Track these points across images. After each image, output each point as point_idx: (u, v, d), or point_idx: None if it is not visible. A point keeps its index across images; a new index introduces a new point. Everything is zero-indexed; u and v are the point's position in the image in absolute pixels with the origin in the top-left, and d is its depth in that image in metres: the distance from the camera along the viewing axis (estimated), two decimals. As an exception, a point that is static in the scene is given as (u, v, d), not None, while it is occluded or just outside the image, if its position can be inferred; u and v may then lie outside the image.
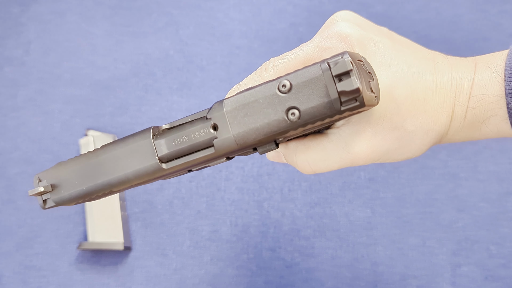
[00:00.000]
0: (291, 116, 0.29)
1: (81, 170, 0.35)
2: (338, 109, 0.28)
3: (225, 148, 0.31)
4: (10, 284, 0.60)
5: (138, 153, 0.33)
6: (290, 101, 0.29)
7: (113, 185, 0.35)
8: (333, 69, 0.27)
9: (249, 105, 0.30)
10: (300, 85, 0.28)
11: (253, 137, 0.30)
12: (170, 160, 0.33)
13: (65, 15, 0.71)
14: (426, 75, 0.32)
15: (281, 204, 0.61)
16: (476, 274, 0.57)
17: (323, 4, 0.69)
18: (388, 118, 0.31)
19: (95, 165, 0.35)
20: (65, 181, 0.36)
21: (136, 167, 0.33)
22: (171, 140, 0.32)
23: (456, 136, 0.34)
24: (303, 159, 0.34)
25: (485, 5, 0.68)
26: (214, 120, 0.31)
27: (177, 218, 0.61)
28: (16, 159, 0.64)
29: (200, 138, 0.31)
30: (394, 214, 0.60)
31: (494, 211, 0.59)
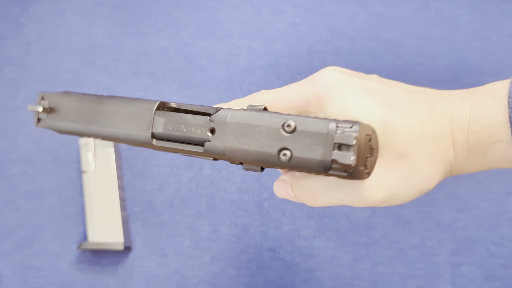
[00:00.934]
0: (282, 156, 0.29)
1: (82, 109, 0.37)
2: (326, 170, 0.28)
3: (213, 153, 0.32)
4: (10, 284, 0.60)
5: (136, 119, 0.34)
6: (287, 143, 0.29)
7: (103, 136, 0.36)
8: (337, 136, 0.28)
9: (251, 127, 0.30)
10: (303, 132, 0.29)
11: (241, 156, 0.31)
12: (161, 139, 0.34)
13: (65, 15, 0.71)
14: (417, 105, 0.32)
15: (281, 204, 0.61)
16: (476, 274, 0.57)
17: (323, 4, 0.69)
18: (391, 148, 0.31)
19: (95, 111, 0.36)
20: (64, 111, 0.38)
21: (129, 130, 0.35)
22: (170, 123, 0.34)
23: (465, 164, 0.33)
24: (304, 185, 0.33)
25: (485, 5, 0.68)
26: (215, 124, 0.32)
27: (177, 218, 0.61)
28: (16, 159, 0.64)
29: (196, 134, 0.32)
30: (394, 214, 0.60)
31: (494, 211, 0.59)
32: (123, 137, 0.35)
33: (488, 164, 0.33)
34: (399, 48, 0.67)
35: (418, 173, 0.32)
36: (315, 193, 0.33)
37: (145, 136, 0.34)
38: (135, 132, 0.34)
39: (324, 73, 0.33)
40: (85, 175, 0.61)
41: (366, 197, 0.32)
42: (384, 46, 0.67)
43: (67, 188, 0.63)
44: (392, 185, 0.32)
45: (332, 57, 0.66)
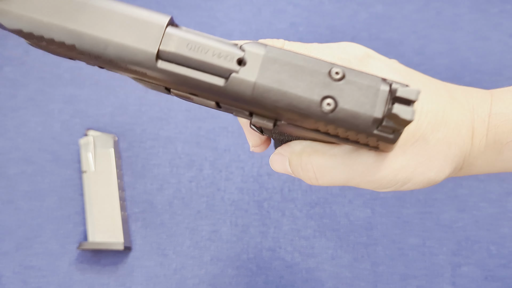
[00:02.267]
0: (325, 106, 0.24)
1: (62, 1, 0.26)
2: (371, 129, 0.25)
3: (237, 89, 0.25)
4: (10, 284, 0.60)
5: (139, 28, 0.26)
6: (334, 91, 0.25)
7: (82, 42, 0.25)
8: (399, 91, 0.24)
9: (293, 66, 0.25)
10: (352, 82, 0.25)
11: (273, 98, 0.25)
12: (171, 61, 0.26)
13: (65, 15, 0.71)
14: (440, 91, 0.31)
15: (281, 204, 0.61)
16: (476, 274, 0.57)
17: (323, 4, 0.69)
18: (410, 130, 0.29)
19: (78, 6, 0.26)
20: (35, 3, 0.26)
21: (125, 41, 0.25)
22: (187, 42, 0.26)
23: (478, 161, 0.32)
24: (307, 161, 0.31)
25: (485, 5, 0.68)
26: (247, 55, 0.25)
27: (177, 218, 0.61)
28: (16, 159, 0.64)
29: (219, 61, 0.25)
30: (394, 214, 0.60)
31: (494, 211, 0.59)
32: (113, 49, 0.25)
33: (502, 164, 0.32)
34: (399, 48, 0.67)
35: (432, 161, 0.30)
36: (318, 171, 0.31)
37: (148, 54, 0.25)
38: (134, 45, 0.25)
39: (351, 45, 0.31)
40: (85, 175, 0.61)
41: (372, 180, 0.30)
42: (384, 46, 0.67)
43: (67, 188, 0.63)
44: (401, 170, 0.30)
45: (332, 57, 0.66)
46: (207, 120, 0.65)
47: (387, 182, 0.30)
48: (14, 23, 0.26)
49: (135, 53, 0.25)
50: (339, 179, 0.30)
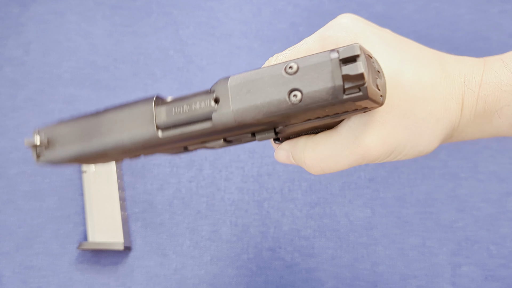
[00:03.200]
0: (293, 98, 0.28)
1: (79, 129, 0.35)
2: (340, 96, 0.27)
3: (222, 123, 0.30)
4: (10, 284, 0.60)
5: (137, 118, 0.33)
6: (294, 83, 0.28)
7: (107, 147, 0.34)
8: (340, 53, 0.27)
9: (254, 83, 0.29)
10: (307, 68, 0.28)
11: (252, 115, 0.29)
12: (167, 128, 0.32)
13: (65, 15, 0.71)
14: (430, 64, 0.31)
15: (281, 204, 0.61)
16: (476, 274, 0.57)
17: (323, 4, 0.69)
18: (397, 105, 0.30)
19: (93, 125, 0.34)
20: (62, 140, 0.35)
21: (132, 131, 0.32)
22: (172, 109, 0.32)
23: (468, 129, 0.33)
24: (312, 156, 0.32)
25: (485, 5, 0.68)
26: (217, 93, 0.30)
27: (177, 218, 0.61)
28: (16, 159, 0.64)
29: (200, 109, 0.31)
30: (394, 214, 0.60)
31: (494, 211, 0.59)
32: (127, 140, 0.33)
33: (491, 130, 0.33)
34: (399, 48, 0.67)
35: (421, 135, 0.31)
36: (322, 162, 0.32)
37: (150, 131, 0.32)
38: (139, 130, 0.32)
39: (340, 19, 0.32)
40: (85, 175, 0.61)
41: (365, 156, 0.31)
42: (384, 46, 0.67)
43: (67, 188, 0.63)
44: (394, 144, 0.31)
45: (332, 57, 0.66)
46: (207, 120, 0.65)
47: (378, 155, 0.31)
48: (62, 160, 0.35)
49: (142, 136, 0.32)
50: (343, 164, 0.32)
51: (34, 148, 0.36)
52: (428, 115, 0.31)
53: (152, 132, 0.32)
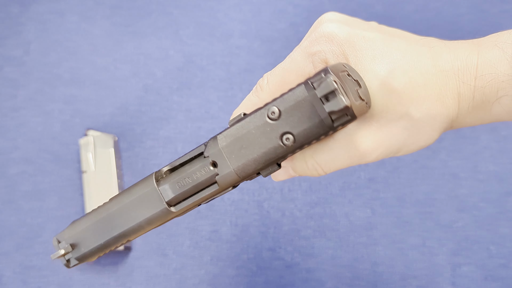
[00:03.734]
0: (286, 142, 0.29)
1: (95, 226, 0.37)
2: (330, 126, 0.28)
3: (228, 182, 0.31)
4: (10, 284, 0.60)
5: (146, 202, 0.34)
6: (282, 127, 0.29)
7: (128, 235, 0.36)
8: (317, 91, 0.27)
9: (243, 137, 0.30)
10: (289, 109, 0.28)
11: (253, 167, 0.30)
12: (178, 202, 0.34)
13: (65, 15, 0.71)
14: (422, 60, 0.31)
15: (281, 204, 0.61)
16: (476, 274, 0.57)
17: (323, 4, 0.69)
18: (391, 109, 0.30)
19: (108, 219, 0.36)
20: (82, 239, 0.37)
21: (147, 215, 0.34)
22: (175, 184, 0.33)
23: (467, 119, 0.32)
24: (312, 163, 0.33)
25: (485, 5, 0.68)
26: (212, 157, 0.31)
27: (177, 218, 0.61)
28: (16, 159, 0.64)
29: (202, 177, 0.32)
30: (394, 214, 0.60)
31: (494, 211, 0.59)
32: (145, 223, 0.35)
33: (491, 118, 0.32)
34: (399, 48, 0.67)
35: (419, 132, 0.31)
36: (324, 165, 0.33)
37: (163, 210, 0.34)
38: (153, 212, 0.34)
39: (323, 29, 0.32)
40: (85, 175, 0.61)
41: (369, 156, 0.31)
42: (384, 46, 0.67)
43: (67, 188, 0.63)
44: (392, 145, 0.31)
45: (332, 57, 0.66)
46: (207, 120, 0.65)
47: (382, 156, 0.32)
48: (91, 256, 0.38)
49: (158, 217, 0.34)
50: (342, 163, 0.32)
51: (61, 257, 0.38)
52: (423, 114, 0.31)
53: (166, 211, 0.34)
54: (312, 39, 0.32)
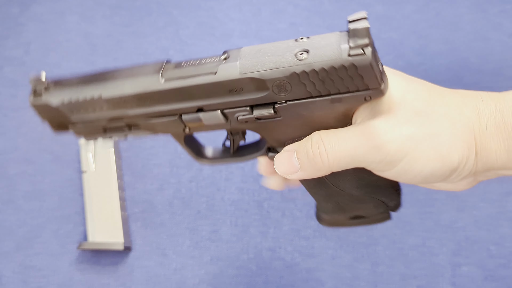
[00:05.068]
0: (299, 55, 0.29)
1: (83, 78, 0.34)
2: (344, 55, 0.28)
3: (227, 74, 0.30)
4: (10, 284, 0.60)
5: (145, 69, 0.33)
6: (303, 46, 0.29)
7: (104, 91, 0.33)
8: (349, 16, 0.28)
9: (265, 46, 0.30)
10: (316, 38, 0.29)
11: (257, 68, 0.29)
12: (172, 79, 0.32)
13: (65, 15, 0.71)
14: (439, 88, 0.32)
15: (281, 204, 0.61)
16: (476, 274, 0.57)
17: (323, 4, 0.69)
18: (410, 103, 0.30)
19: (99, 75, 0.34)
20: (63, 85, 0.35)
21: (136, 77, 0.32)
22: (182, 63, 0.32)
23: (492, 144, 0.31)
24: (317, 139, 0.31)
25: (485, 5, 0.68)
26: (229, 53, 0.31)
27: (177, 218, 0.61)
28: (16, 159, 0.64)
29: (208, 64, 0.31)
30: (394, 214, 0.60)
31: (494, 211, 0.59)
32: (128, 86, 0.32)
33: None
34: (399, 48, 0.67)
35: (439, 135, 0.30)
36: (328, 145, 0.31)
37: (153, 78, 0.32)
38: (143, 78, 0.32)
39: None
40: (85, 175, 0.61)
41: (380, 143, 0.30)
42: (384, 46, 0.67)
43: (67, 188, 0.63)
44: (409, 136, 0.30)
45: (332, 57, 0.66)
46: (207, 120, 0.65)
47: (396, 149, 0.30)
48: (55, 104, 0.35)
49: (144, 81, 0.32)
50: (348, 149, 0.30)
51: (35, 84, 0.35)
52: (441, 116, 0.30)
53: (155, 80, 0.32)
54: None
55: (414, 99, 0.30)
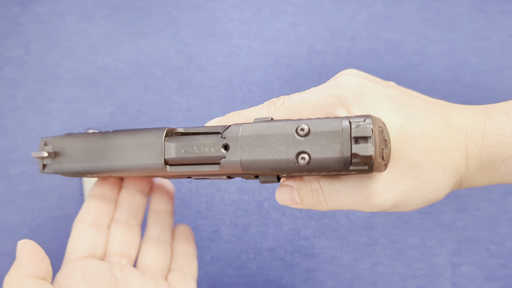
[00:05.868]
0: (300, 160, 0.29)
1: (88, 147, 0.36)
2: (346, 167, 0.29)
3: (229, 169, 0.32)
4: (10, 284, 0.60)
5: (146, 148, 0.34)
6: (304, 146, 0.29)
7: (114, 170, 0.35)
8: (353, 130, 0.28)
9: (264, 137, 0.30)
10: (318, 133, 0.29)
11: (259, 167, 0.31)
12: (175, 164, 0.33)
13: (65, 15, 0.71)
14: (434, 115, 0.33)
15: (281, 204, 0.61)
16: (476, 274, 0.57)
17: (323, 4, 0.69)
18: (406, 156, 0.32)
19: (102, 148, 0.36)
20: (69, 153, 0.37)
21: (141, 161, 0.34)
22: (181, 147, 0.33)
23: (475, 178, 0.34)
24: (317, 187, 0.33)
25: (485, 5, 0.68)
26: (228, 140, 0.31)
27: (177, 218, 0.61)
28: (16, 159, 0.64)
29: (210, 153, 0.32)
30: (394, 214, 0.60)
31: (494, 211, 0.59)
32: (134, 168, 0.34)
33: (499, 178, 0.34)
34: (399, 48, 0.67)
35: (429, 183, 0.32)
36: (327, 195, 0.33)
37: (158, 164, 0.33)
38: (147, 162, 0.34)
39: (347, 78, 0.34)
40: (85, 175, 0.61)
41: (376, 203, 0.32)
42: (384, 46, 0.67)
43: (67, 188, 0.63)
44: (402, 192, 0.32)
45: (332, 57, 0.66)
46: (207, 120, 0.65)
47: (391, 205, 0.32)
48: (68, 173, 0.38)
49: (150, 168, 0.34)
50: (346, 203, 0.33)
51: (41, 159, 0.37)
52: (434, 164, 0.32)
53: (160, 166, 0.33)
54: (337, 83, 0.33)
55: (411, 150, 0.32)
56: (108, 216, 0.41)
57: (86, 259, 0.40)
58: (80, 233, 0.41)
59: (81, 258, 0.40)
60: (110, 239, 0.41)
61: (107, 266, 0.39)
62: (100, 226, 0.41)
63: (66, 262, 0.39)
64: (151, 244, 0.42)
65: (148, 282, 0.39)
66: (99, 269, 0.38)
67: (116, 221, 0.42)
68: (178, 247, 0.44)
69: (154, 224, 0.43)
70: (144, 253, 0.41)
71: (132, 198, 0.43)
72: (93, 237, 0.41)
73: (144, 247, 0.42)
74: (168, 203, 0.45)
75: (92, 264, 0.39)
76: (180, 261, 0.43)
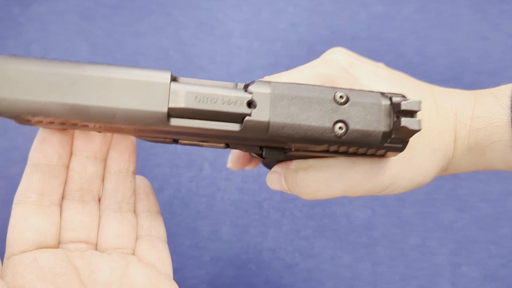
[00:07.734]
0: (338, 130, 0.26)
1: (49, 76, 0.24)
2: (383, 142, 0.27)
3: (252, 132, 0.26)
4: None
5: (143, 91, 0.25)
6: (342, 114, 0.26)
7: (88, 114, 0.24)
8: (403, 104, 0.26)
9: (300, 99, 0.26)
10: (356, 103, 0.26)
11: (289, 133, 0.26)
12: (181, 117, 0.25)
13: (65, 15, 0.71)
14: (424, 96, 0.32)
15: (281, 204, 0.61)
16: (476, 274, 0.57)
17: (323, 4, 0.69)
18: None
19: (75, 80, 0.24)
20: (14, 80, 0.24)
21: (133, 106, 0.24)
22: (194, 95, 0.25)
23: (462, 162, 0.33)
24: (304, 176, 0.32)
25: (485, 5, 0.68)
26: (255, 96, 0.26)
27: (177, 218, 0.61)
28: (16, 159, 0.64)
29: (230, 108, 0.25)
30: (394, 214, 0.60)
31: (494, 211, 0.59)
32: (122, 115, 0.24)
33: (485, 164, 0.33)
34: (399, 48, 0.67)
35: (419, 167, 0.32)
36: (315, 185, 0.31)
37: (158, 113, 0.25)
38: (142, 108, 0.25)
39: (336, 56, 0.32)
40: (85, 175, 0.61)
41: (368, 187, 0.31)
42: (384, 46, 0.67)
43: (67, 188, 0.63)
44: (394, 176, 0.31)
45: (332, 57, 0.66)
46: (207, 120, 0.65)
47: (379, 190, 0.31)
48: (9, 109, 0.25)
49: (144, 117, 0.25)
50: (336, 190, 0.31)
51: None
52: (425, 146, 0.31)
53: (160, 116, 0.25)
54: (326, 61, 0.32)
55: None
56: (56, 190, 0.33)
57: (35, 251, 0.31)
58: (22, 219, 0.33)
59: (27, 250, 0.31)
60: (63, 224, 0.32)
61: (63, 254, 0.31)
62: (47, 207, 0.33)
63: (8, 258, 0.31)
64: (113, 218, 0.33)
65: (115, 263, 0.32)
66: (54, 260, 0.30)
67: (67, 199, 0.33)
68: (138, 207, 0.36)
69: (113, 192, 0.34)
70: (106, 231, 0.33)
71: (84, 168, 0.33)
72: (39, 222, 0.32)
73: (105, 222, 0.33)
74: (129, 161, 0.34)
75: (44, 256, 0.30)
76: (144, 224, 0.36)
